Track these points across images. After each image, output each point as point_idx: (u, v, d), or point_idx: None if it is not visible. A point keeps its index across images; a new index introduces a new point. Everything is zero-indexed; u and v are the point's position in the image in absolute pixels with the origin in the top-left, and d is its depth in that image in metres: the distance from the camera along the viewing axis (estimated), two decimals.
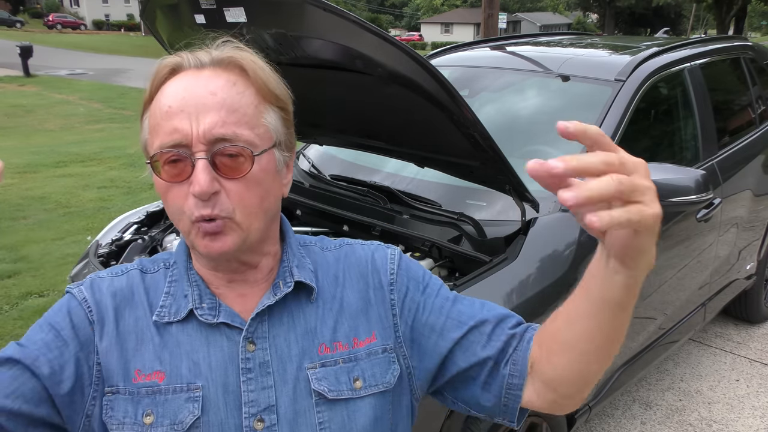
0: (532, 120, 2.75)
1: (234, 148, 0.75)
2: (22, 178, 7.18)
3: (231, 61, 0.79)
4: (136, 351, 0.81)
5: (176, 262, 0.87)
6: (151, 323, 0.82)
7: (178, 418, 0.78)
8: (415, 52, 1.68)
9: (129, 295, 0.84)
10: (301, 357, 0.82)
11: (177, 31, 2.34)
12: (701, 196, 2.25)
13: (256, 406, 0.79)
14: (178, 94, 0.76)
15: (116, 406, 0.79)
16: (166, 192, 0.77)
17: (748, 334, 3.77)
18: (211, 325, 0.81)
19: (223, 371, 0.80)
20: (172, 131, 0.74)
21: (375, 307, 0.88)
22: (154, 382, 0.79)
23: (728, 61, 3.56)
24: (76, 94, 15.57)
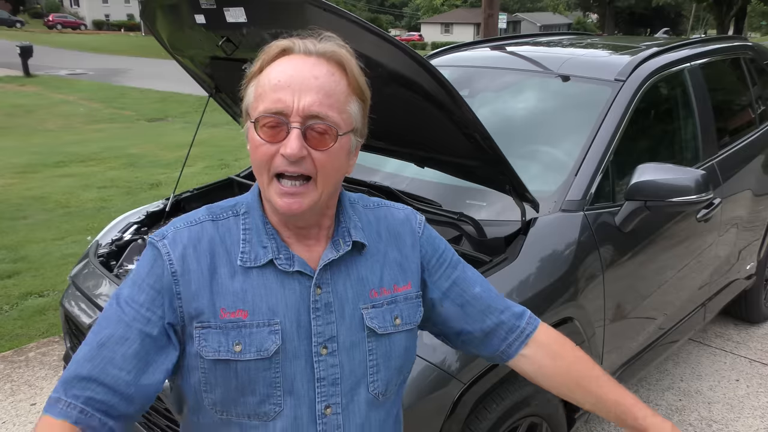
0: (532, 120, 2.75)
1: (323, 126, 0.91)
2: (22, 178, 7.18)
3: (334, 56, 0.95)
4: (219, 293, 0.96)
5: (248, 213, 1.02)
6: (232, 267, 0.98)
7: (263, 347, 0.96)
8: (415, 52, 1.68)
9: (207, 243, 0.99)
10: (356, 299, 1.02)
11: (177, 31, 2.35)
12: (701, 196, 2.25)
13: (322, 336, 0.99)
14: (287, 72, 0.92)
15: (209, 338, 0.96)
16: (258, 147, 0.93)
17: (748, 334, 3.77)
18: (286, 272, 0.99)
19: (296, 310, 0.98)
20: (277, 101, 0.91)
21: (409, 261, 1.09)
22: (238, 319, 0.96)
23: (728, 61, 3.55)
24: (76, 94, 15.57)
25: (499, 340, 1.15)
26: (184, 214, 1.04)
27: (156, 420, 1.90)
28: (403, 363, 1.08)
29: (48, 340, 3.61)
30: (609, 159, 2.33)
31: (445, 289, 1.13)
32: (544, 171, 2.47)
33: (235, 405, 0.98)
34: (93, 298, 2.21)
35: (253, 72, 0.97)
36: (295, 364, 0.98)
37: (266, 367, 0.96)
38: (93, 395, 0.91)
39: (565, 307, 2.05)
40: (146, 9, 2.30)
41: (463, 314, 1.13)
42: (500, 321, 1.15)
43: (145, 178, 7.22)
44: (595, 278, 2.18)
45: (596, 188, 2.26)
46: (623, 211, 2.30)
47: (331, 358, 0.99)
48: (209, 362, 0.96)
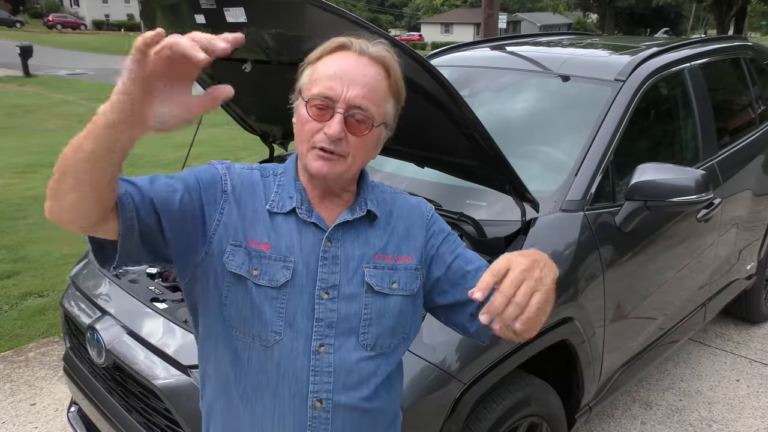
0: (532, 120, 2.75)
1: (362, 116, 1.09)
2: (22, 178, 7.18)
3: (382, 60, 1.12)
4: (252, 224, 1.14)
5: (284, 173, 1.20)
6: (263, 209, 1.15)
7: (275, 277, 1.12)
8: (415, 52, 1.68)
9: (251, 185, 1.18)
10: (361, 258, 1.17)
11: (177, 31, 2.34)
12: (701, 196, 2.25)
13: (326, 283, 1.14)
14: (342, 66, 1.09)
15: (237, 255, 1.12)
16: (305, 123, 1.10)
17: (748, 334, 3.77)
18: (305, 222, 1.15)
19: (308, 255, 1.14)
20: (329, 88, 1.08)
21: (414, 237, 1.23)
22: (261, 249, 1.12)
23: (728, 61, 3.55)
24: (76, 94, 15.56)
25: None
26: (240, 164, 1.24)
27: (156, 420, 1.90)
28: (396, 325, 1.19)
29: (48, 340, 3.61)
30: (609, 159, 2.33)
31: (449, 262, 1.23)
32: (544, 171, 2.47)
33: (244, 324, 1.12)
34: (93, 298, 2.21)
35: (312, 59, 1.13)
36: (300, 301, 1.12)
37: (274, 296, 1.11)
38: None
39: (565, 307, 2.05)
40: (146, 9, 2.30)
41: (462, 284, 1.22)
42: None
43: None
44: (595, 278, 2.18)
45: (596, 188, 2.25)
46: (623, 211, 2.30)
47: (331, 303, 1.13)
48: (231, 276, 1.11)
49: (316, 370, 1.12)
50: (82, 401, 2.24)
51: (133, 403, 1.98)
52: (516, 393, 2.00)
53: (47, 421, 2.93)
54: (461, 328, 1.26)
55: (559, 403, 2.20)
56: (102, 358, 1.99)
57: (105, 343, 1.97)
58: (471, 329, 1.23)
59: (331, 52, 1.12)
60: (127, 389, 2.00)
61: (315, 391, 1.13)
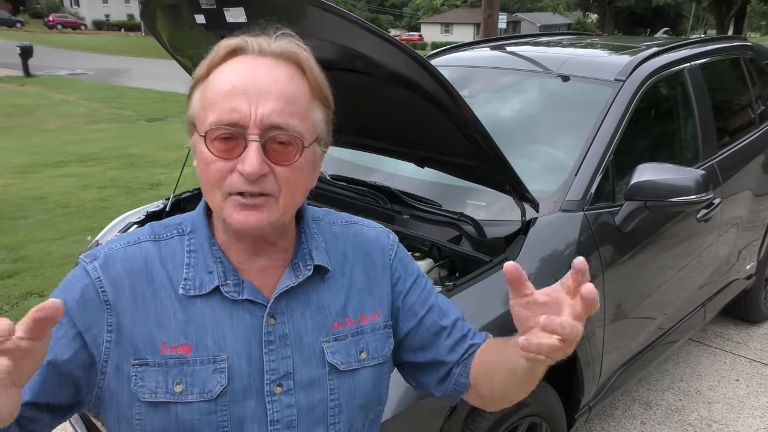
0: (532, 120, 2.75)
1: (286, 137, 0.80)
2: (22, 178, 7.18)
3: (292, 56, 0.83)
4: (159, 324, 0.85)
5: (193, 232, 0.90)
6: (173, 295, 0.86)
7: (207, 388, 0.85)
8: (415, 52, 1.68)
9: (144, 267, 0.87)
10: (317, 330, 0.91)
11: (177, 31, 2.34)
12: (701, 196, 2.25)
13: (276, 373, 0.88)
14: (241, 76, 0.80)
15: (146, 376, 0.84)
16: (209, 165, 0.81)
17: (748, 334, 3.77)
18: (235, 301, 0.87)
19: (246, 343, 0.87)
20: (231, 110, 0.79)
21: (378, 285, 0.98)
22: (180, 355, 0.85)
23: (728, 61, 3.55)
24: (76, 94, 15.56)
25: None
26: (123, 234, 0.96)
27: None
28: (370, 402, 0.96)
29: None
30: (609, 159, 2.33)
31: (421, 315, 1.00)
32: (544, 171, 2.47)
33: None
34: None
35: (200, 75, 0.85)
36: (245, 405, 0.86)
37: (211, 410, 0.85)
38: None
39: None
40: (146, 9, 2.30)
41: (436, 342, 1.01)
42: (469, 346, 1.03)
43: (145, 178, 7.22)
44: (595, 278, 2.18)
45: (596, 188, 2.26)
46: (623, 211, 2.30)
47: (287, 398, 0.88)
48: (146, 405, 0.84)
49: None
50: None
51: None
52: None
53: None
54: (425, 388, 1.05)
55: (559, 402, 2.20)
56: None
57: None
58: (438, 392, 1.03)
59: (222, 61, 0.83)
60: None
61: None
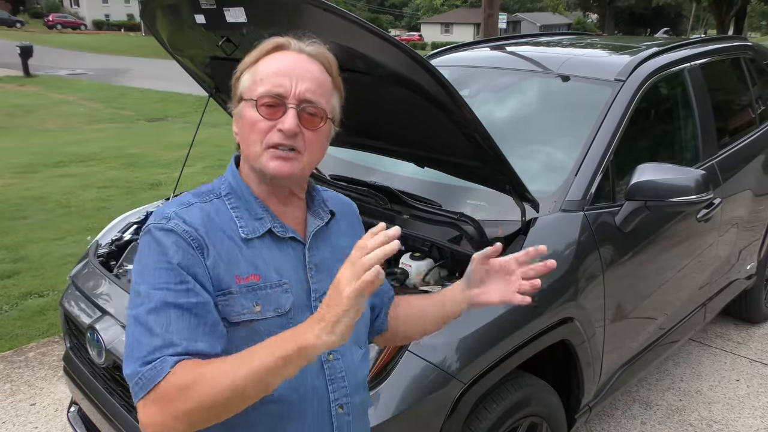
0: (532, 120, 2.75)
1: (314, 109, 1.09)
2: (22, 178, 7.18)
3: (321, 57, 1.13)
4: (231, 261, 1.08)
5: (231, 194, 1.14)
6: (235, 240, 1.09)
7: (280, 304, 1.10)
8: (415, 52, 1.68)
9: (208, 221, 1.10)
10: (333, 259, 1.18)
11: (177, 31, 2.34)
12: (701, 196, 2.25)
13: (318, 292, 1.14)
14: (286, 63, 1.09)
15: (233, 302, 1.06)
16: (255, 123, 1.07)
17: (748, 334, 3.77)
18: (282, 239, 1.13)
19: (295, 270, 1.14)
20: (278, 85, 1.07)
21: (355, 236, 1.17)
22: (252, 283, 1.08)
23: (728, 61, 3.55)
24: (76, 94, 15.56)
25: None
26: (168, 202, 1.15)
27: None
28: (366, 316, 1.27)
29: (48, 340, 3.61)
30: (609, 159, 2.33)
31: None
32: (544, 171, 2.47)
33: None
34: (93, 298, 2.21)
35: (248, 62, 1.12)
36: (303, 317, 1.06)
37: (284, 323, 1.08)
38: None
39: (565, 307, 2.05)
40: (146, 9, 2.30)
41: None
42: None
43: (145, 178, 7.22)
44: (595, 278, 2.18)
45: (596, 188, 2.25)
46: (623, 211, 2.30)
47: None
48: (233, 326, 1.06)
49: (331, 378, 1.15)
50: (82, 401, 2.24)
51: (133, 403, 1.98)
52: (516, 393, 2.00)
53: (47, 421, 2.93)
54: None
55: (559, 403, 2.20)
56: (102, 358, 1.99)
57: (105, 343, 1.97)
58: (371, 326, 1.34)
59: (268, 53, 1.12)
60: (127, 389, 2.00)
61: (336, 399, 1.16)
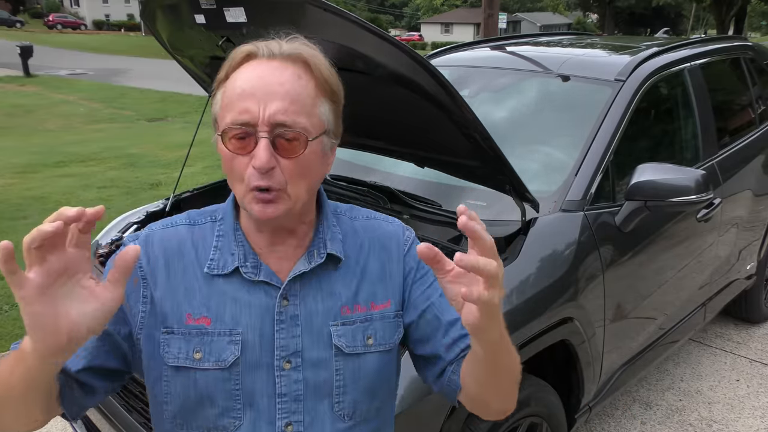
0: (532, 120, 2.75)
1: (291, 133, 0.88)
2: (22, 178, 7.18)
3: (299, 57, 0.92)
4: (186, 297, 0.96)
5: (223, 219, 1.00)
6: (200, 274, 0.97)
7: (222, 357, 0.94)
8: (415, 52, 1.68)
9: (177, 246, 0.98)
10: (326, 314, 0.98)
11: (177, 31, 2.34)
12: (701, 196, 2.25)
13: (286, 350, 0.96)
14: (251, 80, 0.89)
15: (172, 343, 0.95)
16: (231, 160, 0.91)
17: (748, 334, 3.77)
18: (252, 282, 0.96)
19: (260, 320, 0.96)
20: (243, 111, 0.88)
21: (393, 277, 1.04)
22: (202, 326, 0.95)
23: (728, 61, 3.55)
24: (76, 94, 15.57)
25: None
26: (163, 219, 1.05)
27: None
28: (375, 385, 1.02)
29: None
30: (609, 159, 2.33)
31: (423, 309, 1.04)
32: (544, 171, 2.47)
33: (195, 417, 0.96)
34: None
35: (221, 78, 0.94)
36: (256, 377, 0.95)
37: (225, 378, 0.95)
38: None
39: (565, 307, 2.05)
40: (146, 9, 2.30)
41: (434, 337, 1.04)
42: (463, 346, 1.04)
43: (145, 178, 7.22)
44: (595, 278, 2.18)
45: (596, 188, 2.25)
46: (623, 211, 2.30)
47: (295, 374, 0.96)
48: (171, 369, 0.95)
49: None
50: None
51: (133, 403, 1.98)
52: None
53: None
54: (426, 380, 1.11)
55: (559, 403, 2.20)
56: None
57: None
58: (435, 387, 1.08)
59: (237, 66, 0.92)
60: (126, 389, 2.00)
61: None
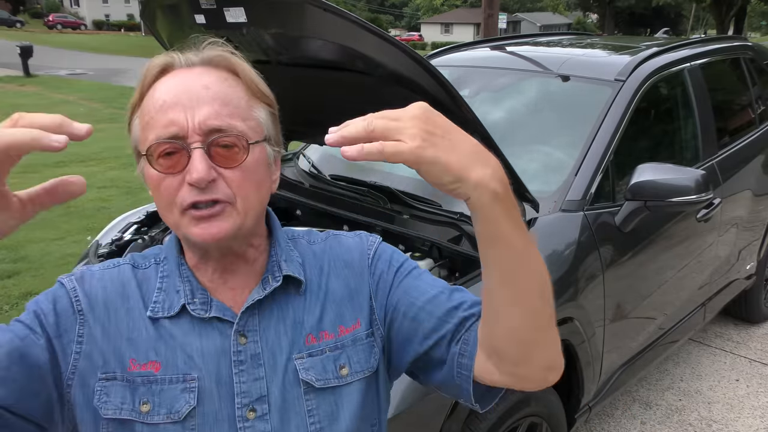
0: (532, 120, 2.75)
1: (229, 138, 0.78)
2: (22, 178, 7.17)
3: (221, 60, 0.83)
4: (130, 341, 0.82)
5: (167, 258, 0.88)
6: (145, 317, 0.84)
7: (174, 408, 0.80)
8: (416, 52, 1.68)
9: (120, 287, 0.86)
10: (290, 348, 0.85)
11: (177, 31, 2.34)
12: (701, 196, 2.25)
13: (249, 396, 0.82)
14: (172, 89, 0.79)
15: (112, 392, 0.80)
16: (159, 184, 0.79)
17: (747, 334, 3.77)
18: (203, 320, 0.84)
19: (216, 363, 0.82)
20: (168, 124, 0.77)
21: (359, 294, 0.91)
22: (149, 372, 0.81)
23: (728, 61, 3.56)
24: (76, 94, 15.56)
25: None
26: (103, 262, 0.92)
27: None
28: (360, 423, 0.87)
29: None
30: (609, 159, 2.33)
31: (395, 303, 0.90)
32: (544, 171, 2.47)
33: None
34: None
35: (134, 103, 0.84)
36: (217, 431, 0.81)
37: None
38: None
39: (565, 307, 2.05)
40: (146, 9, 2.30)
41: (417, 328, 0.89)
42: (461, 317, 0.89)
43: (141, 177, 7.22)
44: (595, 278, 2.18)
45: (596, 188, 2.26)
46: (623, 211, 2.30)
47: (261, 424, 0.82)
48: (111, 424, 0.80)
49: None
50: None
51: None
52: (516, 393, 2.00)
53: None
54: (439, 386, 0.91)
55: (559, 402, 2.20)
56: None
57: None
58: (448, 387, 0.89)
59: (152, 82, 0.82)
60: None
61: None
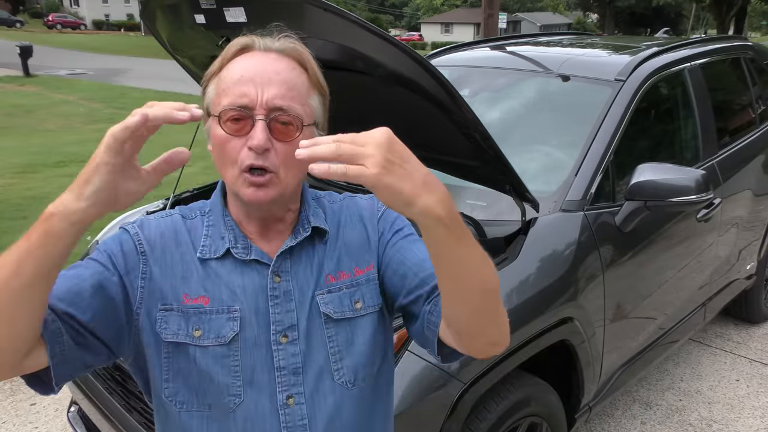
0: (532, 120, 2.75)
1: (288, 117, 0.92)
2: (22, 178, 7.18)
3: (293, 53, 0.98)
4: (183, 279, 0.99)
5: (212, 211, 1.05)
6: (195, 258, 1.00)
7: (221, 333, 0.97)
8: (416, 52, 1.68)
9: (173, 234, 1.02)
10: (315, 286, 1.02)
11: (177, 31, 2.34)
12: (701, 196, 2.25)
13: (282, 324, 0.99)
14: (250, 67, 0.94)
15: (170, 320, 0.97)
16: (225, 143, 0.94)
17: (748, 334, 3.77)
18: (244, 261, 1.00)
19: (254, 298, 0.99)
20: (242, 95, 0.92)
21: (370, 241, 1.08)
22: (200, 305, 0.98)
23: (728, 61, 3.56)
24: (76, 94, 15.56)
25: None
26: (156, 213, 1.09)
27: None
28: (372, 349, 1.04)
29: None
30: (609, 159, 2.33)
31: (389, 259, 1.06)
32: (544, 171, 2.47)
33: (196, 395, 0.98)
34: None
35: (213, 71, 0.99)
36: (255, 353, 0.98)
37: (225, 354, 0.97)
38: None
39: (565, 307, 2.05)
40: (146, 9, 2.30)
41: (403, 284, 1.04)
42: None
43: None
44: (595, 278, 2.18)
45: (596, 188, 2.26)
46: (623, 211, 2.30)
47: (292, 347, 0.99)
48: (170, 346, 0.97)
49: (288, 427, 0.98)
50: (82, 401, 2.24)
51: (133, 403, 1.98)
52: (516, 393, 2.00)
53: (47, 421, 2.93)
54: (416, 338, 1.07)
55: (559, 403, 2.20)
56: None
57: None
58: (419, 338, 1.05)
59: (233, 57, 0.97)
60: (127, 389, 2.00)
61: None
